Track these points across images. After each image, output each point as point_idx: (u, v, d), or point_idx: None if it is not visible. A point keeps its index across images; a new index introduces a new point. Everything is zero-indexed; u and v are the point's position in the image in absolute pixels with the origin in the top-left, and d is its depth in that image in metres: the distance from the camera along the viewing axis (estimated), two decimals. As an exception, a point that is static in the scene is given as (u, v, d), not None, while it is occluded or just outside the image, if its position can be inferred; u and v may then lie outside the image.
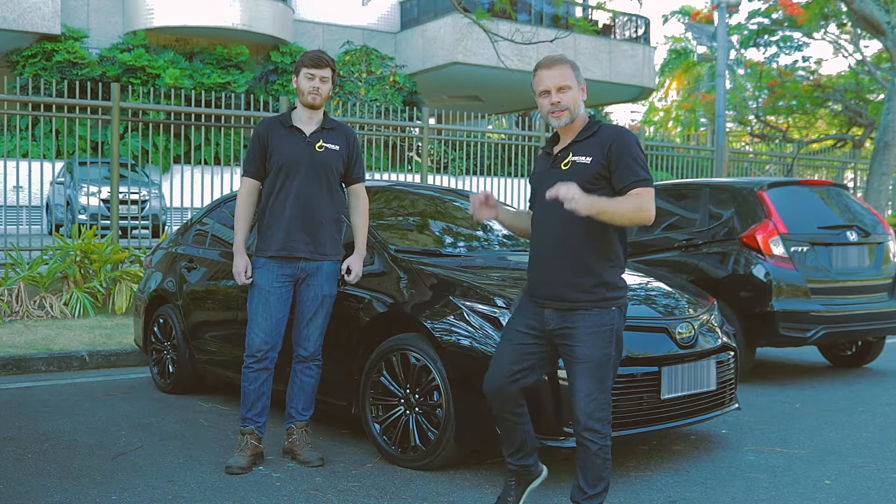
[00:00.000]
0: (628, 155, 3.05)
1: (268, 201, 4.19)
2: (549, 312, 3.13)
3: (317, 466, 4.11)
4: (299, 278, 4.18)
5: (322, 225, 4.18)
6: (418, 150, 13.85)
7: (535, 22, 22.91)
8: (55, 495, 3.66)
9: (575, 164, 3.10)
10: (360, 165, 4.38)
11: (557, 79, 3.13)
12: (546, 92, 3.15)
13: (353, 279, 4.29)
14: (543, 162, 3.28)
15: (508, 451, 3.39)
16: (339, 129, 4.31)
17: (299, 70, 4.19)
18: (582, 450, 3.13)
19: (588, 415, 3.07)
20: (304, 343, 4.21)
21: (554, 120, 3.15)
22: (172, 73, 17.97)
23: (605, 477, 3.13)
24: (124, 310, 8.52)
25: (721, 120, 13.48)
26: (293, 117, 4.26)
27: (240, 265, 4.18)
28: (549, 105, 3.14)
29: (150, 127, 10.65)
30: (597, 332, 3.07)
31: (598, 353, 3.07)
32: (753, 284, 6.25)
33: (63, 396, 5.66)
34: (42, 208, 13.10)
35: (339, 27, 22.81)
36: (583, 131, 3.17)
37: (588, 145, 3.13)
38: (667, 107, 40.58)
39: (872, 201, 13.75)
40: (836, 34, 24.73)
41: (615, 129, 3.15)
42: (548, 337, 3.17)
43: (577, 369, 3.09)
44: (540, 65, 3.20)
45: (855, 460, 4.36)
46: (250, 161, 4.24)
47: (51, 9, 18.09)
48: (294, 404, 4.26)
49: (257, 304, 4.15)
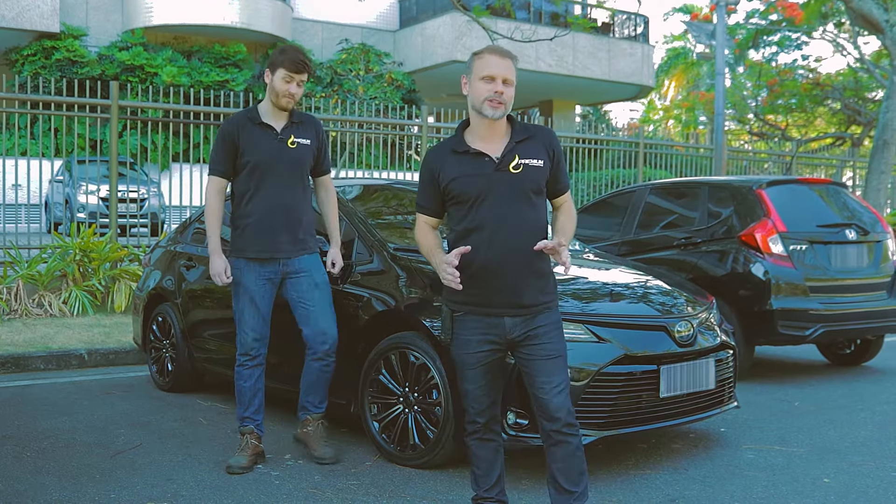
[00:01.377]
0: (562, 157, 3.16)
1: (242, 201, 4.12)
2: (509, 321, 3.03)
3: (331, 463, 4.10)
4: (284, 275, 4.15)
5: (300, 223, 4.15)
6: (417, 149, 13.85)
7: (535, 20, 22.89)
8: (54, 493, 3.66)
9: (527, 168, 3.02)
10: (327, 157, 4.35)
11: (506, 70, 3.01)
12: (490, 78, 2.99)
13: (339, 270, 4.29)
14: (473, 164, 3.04)
15: (486, 486, 3.21)
16: (308, 121, 4.24)
17: (276, 68, 4.06)
18: (561, 448, 3.04)
19: (567, 410, 3.02)
20: (323, 337, 4.14)
21: (490, 109, 2.98)
22: (170, 71, 17.96)
23: (584, 470, 3.09)
24: (123, 308, 8.52)
25: (720, 118, 13.49)
26: (261, 112, 4.15)
27: (219, 266, 4.10)
28: (492, 92, 2.98)
29: (148, 125, 10.66)
30: (558, 328, 3.09)
31: (563, 347, 3.09)
32: (752, 283, 6.25)
33: (62, 395, 5.66)
34: (41, 206, 13.14)
35: (338, 25, 22.79)
36: (518, 132, 3.08)
37: (532, 147, 3.06)
38: (666, 106, 40.58)
39: (871, 200, 13.75)
40: (835, 33, 24.73)
41: (547, 130, 3.17)
42: (508, 345, 3.08)
43: (549, 366, 3.03)
44: (490, 49, 3.06)
45: (854, 458, 4.36)
46: (220, 160, 4.12)
47: (50, 7, 18.07)
48: (310, 398, 4.23)
49: (243, 303, 4.13)
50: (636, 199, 7.38)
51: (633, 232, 7.24)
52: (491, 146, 3.06)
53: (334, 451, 4.18)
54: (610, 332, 3.94)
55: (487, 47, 3.10)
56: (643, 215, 7.26)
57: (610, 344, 3.90)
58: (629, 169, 14.30)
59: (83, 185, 11.58)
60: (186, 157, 15.67)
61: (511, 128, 3.11)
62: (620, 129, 23.28)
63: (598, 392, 3.82)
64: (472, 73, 3.05)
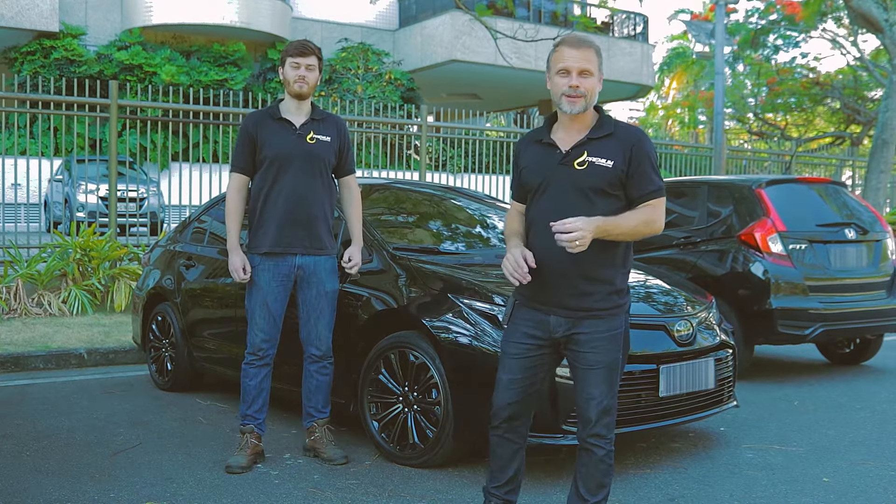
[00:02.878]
0: (648, 162, 2.89)
1: (260, 196, 4.13)
2: (554, 319, 2.93)
3: (342, 464, 4.10)
4: (297, 276, 4.15)
5: (317, 219, 4.14)
6: (417, 148, 13.85)
7: (535, 19, 22.89)
8: (53, 493, 3.66)
9: (593, 166, 2.86)
10: (351, 157, 4.34)
11: (582, 61, 2.84)
12: (566, 71, 2.85)
13: (354, 268, 4.22)
14: (544, 155, 2.96)
15: (497, 483, 3.13)
16: (329, 119, 4.25)
17: (284, 60, 4.12)
18: (586, 455, 2.98)
19: (597, 420, 2.94)
20: (316, 342, 4.18)
21: (568, 104, 2.86)
22: (169, 70, 17.94)
23: (606, 484, 3.00)
24: (123, 307, 8.52)
25: (719, 118, 13.49)
26: (281, 109, 4.18)
27: (236, 262, 4.11)
28: (567, 87, 2.85)
29: (148, 124, 10.65)
30: (608, 337, 2.92)
31: (610, 358, 2.92)
32: (752, 282, 6.25)
33: (61, 394, 5.66)
34: (40, 206, 13.12)
35: (338, 24, 22.77)
36: (597, 128, 2.92)
37: (607, 146, 2.88)
38: (666, 105, 40.59)
39: (871, 199, 13.75)
40: (835, 32, 24.74)
41: (635, 131, 2.94)
42: (553, 344, 2.98)
43: (589, 375, 2.92)
44: (565, 41, 2.90)
45: (853, 457, 4.36)
46: (239, 156, 4.16)
47: (49, 6, 18.06)
48: (313, 403, 4.24)
49: (255, 303, 4.13)
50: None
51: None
52: (567, 139, 2.94)
53: (344, 453, 4.18)
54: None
55: (564, 38, 2.94)
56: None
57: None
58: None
59: (83, 184, 11.58)
60: (186, 157, 15.68)
61: (595, 123, 2.96)
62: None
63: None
64: (549, 67, 2.94)
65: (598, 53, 2.91)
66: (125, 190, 10.15)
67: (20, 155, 13.07)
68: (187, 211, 9.75)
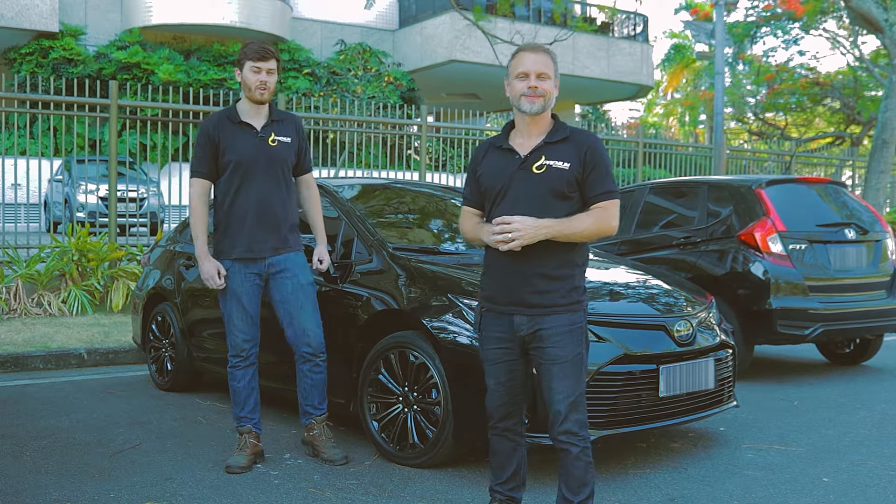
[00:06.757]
0: (602, 164, 3.01)
1: (225, 201, 4.11)
2: (518, 318, 3.02)
3: (341, 465, 4.09)
4: (268, 274, 4.14)
5: (285, 221, 4.14)
6: (416, 148, 13.84)
7: (534, 19, 22.90)
8: (53, 493, 3.66)
9: (551, 169, 2.98)
10: (308, 156, 4.33)
11: (540, 65, 3.01)
12: (525, 74, 3.00)
13: (326, 267, 4.28)
14: (503, 160, 3.06)
15: (500, 479, 3.22)
16: (288, 119, 4.23)
17: (243, 63, 4.07)
18: (562, 455, 3.02)
19: (567, 415, 2.97)
20: (304, 338, 4.15)
21: (527, 104, 2.99)
22: (166, 69, 17.94)
23: (588, 481, 3.01)
24: (122, 307, 8.52)
25: (719, 118, 13.48)
26: (240, 112, 4.15)
27: (210, 269, 4.08)
28: (527, 88, 2.99)
29: (147, 124, 10.64)
30: (569, 331, 2.99)
31: (573, 353, 2.99)
32: (752, 282, 6.25)
33: (61, 394, 5.66)
34: (40, 206, 13.12)
35: (338, 25, 22.78)
36: (553, 132, 3.05)
37: (563, 149, 3.00)
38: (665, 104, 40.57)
39: (870, 199, 13.75)
40: (835, 31, 24.75)
41: (589, 135, 3.08)
42: (520, 344, 3.06)
43: (553, 370, 2.98)
44: (523, 48, 3.07)
45: (853, 457, 4.36)
46: (201, 161, 4.10)
47: (49, 6, 18.06)
48: (309, 401, 4.22)
49: (231, 305, 4.12)
50: (636, 199, 7.38)
51: (633, 231, 7.24)
52: (526, 144, 3.05)
53: (343, 453, 4.17)
54: (609, 332, 3.93)
55: (523, 45, 3.12)
56: (642, 215, 7.26)
57: (609, 343, 3.90)
58: (629, 168, 14.31)
59: (82, 184, 11.57)
60: (186, 156, 15.67)
61: (551, 128, 3.08)
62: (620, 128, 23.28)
63: (597, 391, 3.81)
64: (509, 73, 3.07)
65: (554, 60, 3.06)
66: (125, 190, 10.14)
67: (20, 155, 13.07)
68: (187, 211, 9.74)
